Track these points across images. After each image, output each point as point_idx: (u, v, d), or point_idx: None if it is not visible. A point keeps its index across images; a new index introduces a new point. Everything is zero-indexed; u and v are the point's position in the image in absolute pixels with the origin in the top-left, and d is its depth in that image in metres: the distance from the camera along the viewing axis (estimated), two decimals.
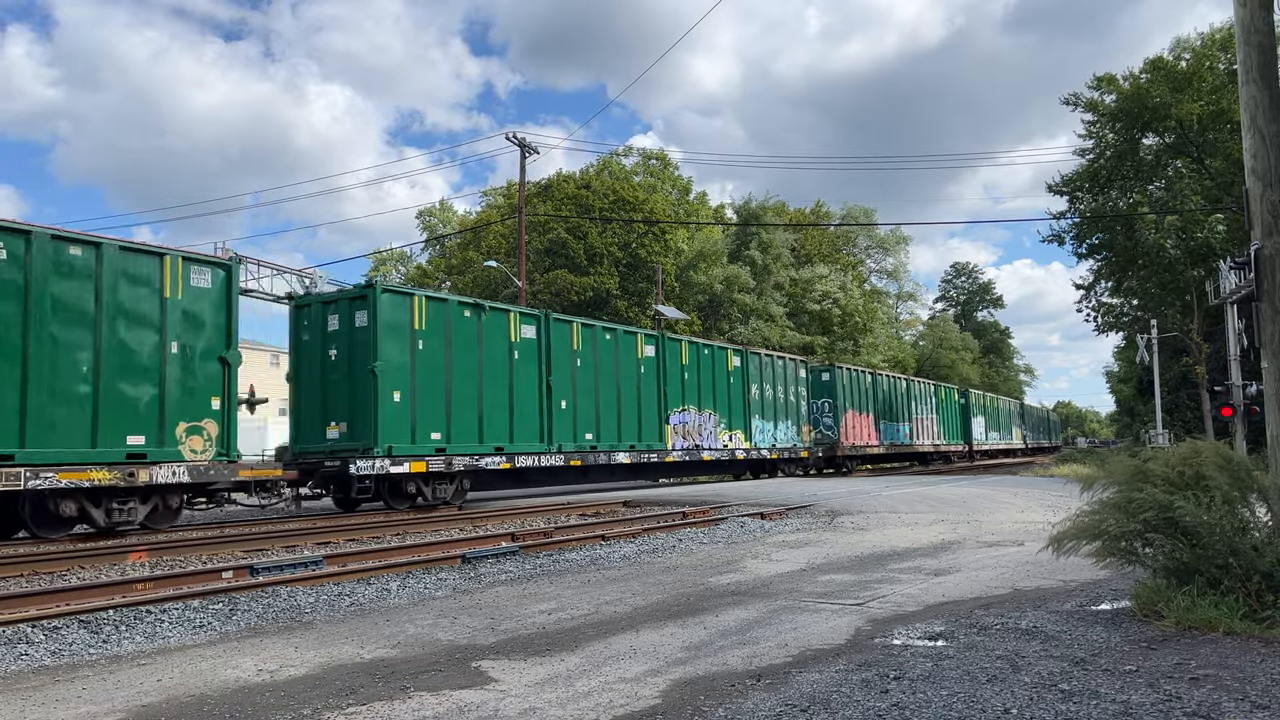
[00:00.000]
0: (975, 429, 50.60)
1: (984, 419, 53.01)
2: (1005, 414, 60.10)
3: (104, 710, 4.48)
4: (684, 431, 24.43)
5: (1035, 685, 4.38)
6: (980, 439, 51.36)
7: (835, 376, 33.52)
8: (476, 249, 50.24)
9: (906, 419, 40.04)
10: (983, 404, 54.00)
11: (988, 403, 55.75)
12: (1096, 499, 6.44)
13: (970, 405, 50.01)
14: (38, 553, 10.89)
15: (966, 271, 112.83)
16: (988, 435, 53.53)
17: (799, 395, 31.27)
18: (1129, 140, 33.76)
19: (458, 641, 5.85)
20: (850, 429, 34.02)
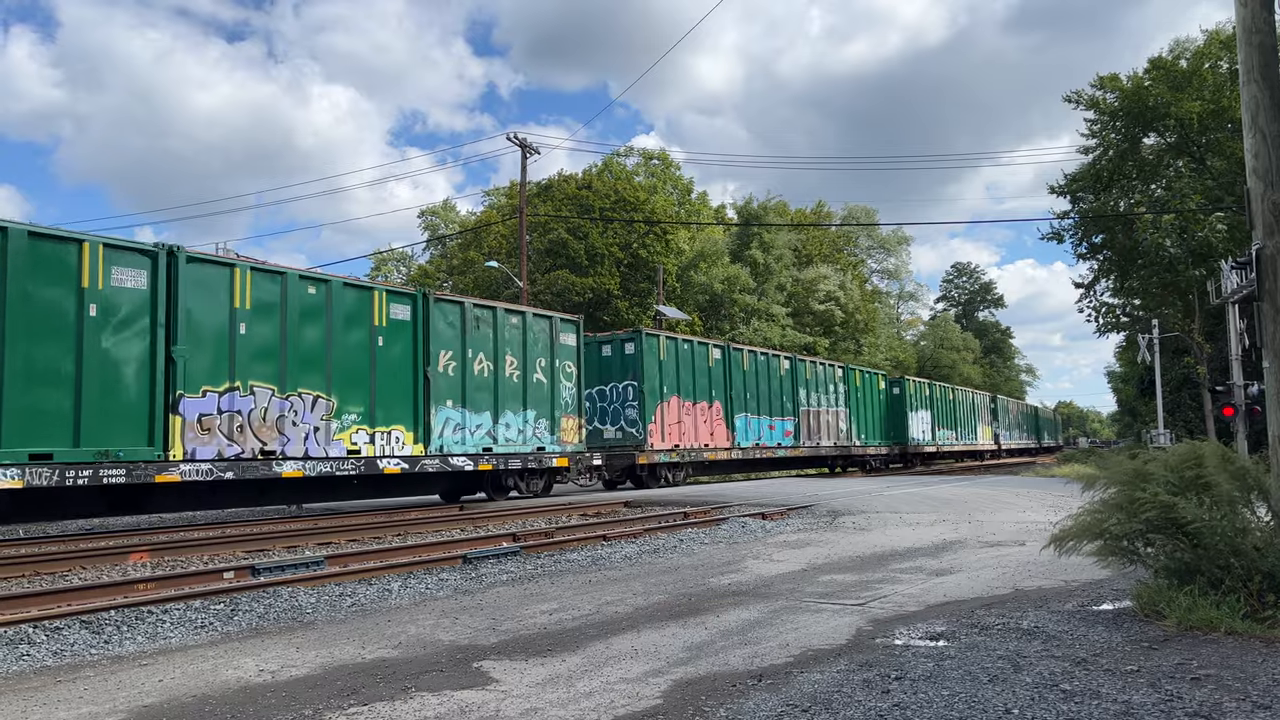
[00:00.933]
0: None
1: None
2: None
3: (106, 710, 4.48)
4: None
5: (1037, 685, 4.38)
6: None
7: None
8: (478, 249, 50.27)
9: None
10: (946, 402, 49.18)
11: (936, 399, 49.58)
12: (1098, 499, 6.44)
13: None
14: (40, 553, 10.90)
15: (968, 271, 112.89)
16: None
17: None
18: (1130, 140, 33.76)
19: (459, 642, 5.85)
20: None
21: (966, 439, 47.62)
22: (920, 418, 40.91)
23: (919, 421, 40.57)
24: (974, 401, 49.83)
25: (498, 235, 49.92)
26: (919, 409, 40.72)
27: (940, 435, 43.44)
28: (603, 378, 23.10)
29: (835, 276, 60.61)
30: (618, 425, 22.92)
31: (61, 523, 14.98)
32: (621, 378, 22.97)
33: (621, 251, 47.44)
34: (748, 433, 26.90)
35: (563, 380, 20.08)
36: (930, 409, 42.41)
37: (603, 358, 23.15)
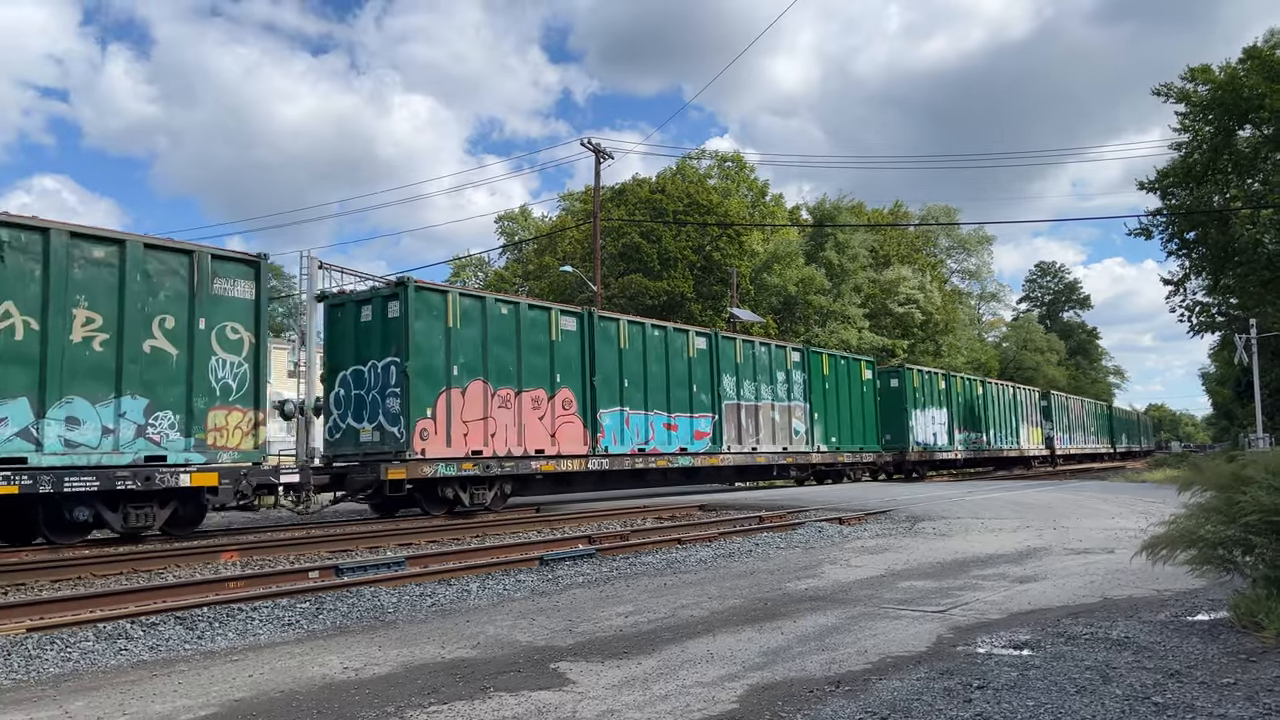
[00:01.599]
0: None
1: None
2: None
3: (199, 704, 4.64)
4: None
5: (1127, 698, 4.23)
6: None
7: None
8: (552, 254, 50.75)
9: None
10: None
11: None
12: (1193, 503, 6.21)
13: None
14: (137, 552, 11.34)
15: (1052, 271, 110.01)
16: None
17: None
18: (1224, 132, 32.48)
19: (536, 643, 5.91)
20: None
21: (1003, 442, 40.25)
22: (929, 417, 33.78)
23: (927, 421, 33.54)
24: (1013, 397, 42.30)
25: (572, 240, 50.33)
26: (927, 406, 33.62)
27: (960, 438, 36.14)
28: (360, 354, 16.66)
29: (915, 278, 59.61)
30: (375, 423, 16.28)
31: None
32: (383, 354, 16.31)
33: (695, 254, 47.38)
34: (624, 434, 20.15)
35: (220, 351, 13.32)
36: (946, 406, 35.13)
37: (360, 324, 16.70)
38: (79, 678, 5.32)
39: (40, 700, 4.81)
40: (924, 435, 33.35)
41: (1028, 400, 44.57)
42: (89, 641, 6.17)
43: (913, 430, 32.30)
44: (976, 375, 45.37)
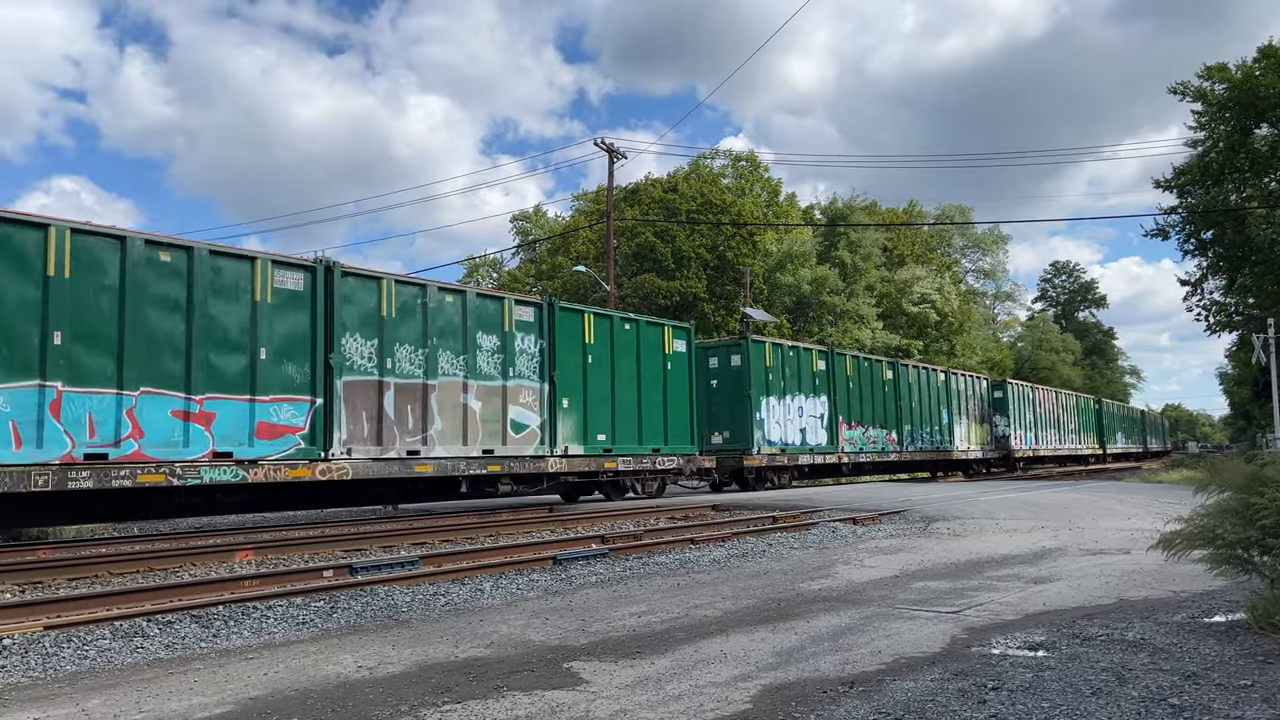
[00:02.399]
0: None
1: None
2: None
3: (214, 702, 4.67)
4: None
5: (1143, 699, 4.21)
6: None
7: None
8: (566, 254, 50.80)
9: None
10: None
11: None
12: (1210, 504, 6.16)
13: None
14: (153, 550, 11.42)
15: (1067, 270, 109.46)
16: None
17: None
18: (1241, 131, 32.23)
19: (549, 642, 5.91)
20: None
21: (928, 440, 32.34)
22: (793, 407, 25.46)
23: (788, 414, 25.26)
24: (945, 385, 34.15)
25: (585, 240, 50.38)
26: (791, 393, 25.36)
27: (852, 436, 27.91)
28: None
29: (932, 278, 59.39)
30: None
31: (172, 520, 15.65)
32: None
33: (708, 254, 47.35)
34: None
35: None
36: (824, 393, 26.75)
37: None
38: (95, 675, 5.35)
39: (57, 698, 4.84)
40: (783, 433, 24.91)
41: (969, 389, 36.68)
42: (105, 640, 6.22)
43: (762, 426, 23.96)
44: (886, 356, 37.61)
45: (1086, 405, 54.20)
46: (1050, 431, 45.42)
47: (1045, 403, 45.31)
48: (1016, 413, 40.31)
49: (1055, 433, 46.26)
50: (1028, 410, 42.51)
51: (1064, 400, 49.29)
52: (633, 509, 16.96)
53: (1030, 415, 43.10)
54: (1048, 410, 45.58)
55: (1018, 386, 42.62)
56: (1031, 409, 42.88)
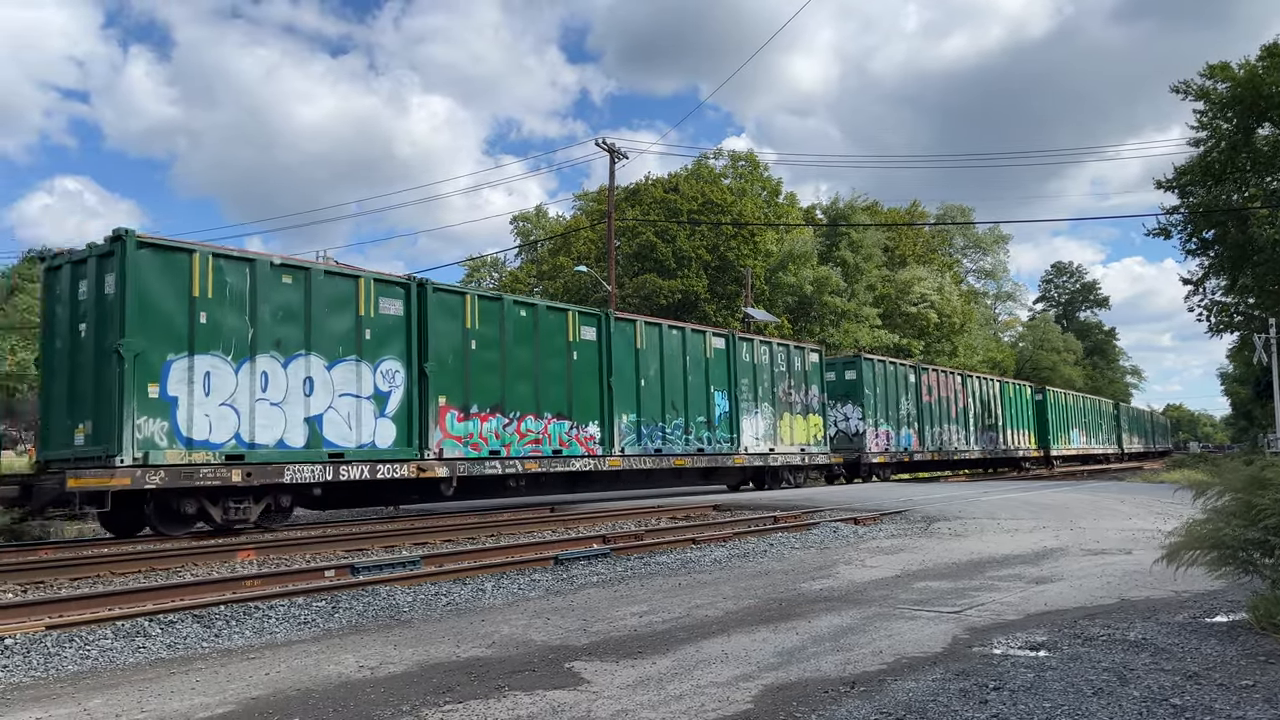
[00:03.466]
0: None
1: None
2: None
3: (216, 702, 4.67)
4: None
5: (1145, 699, 4.21)
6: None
7: None
8: (567, 254, 50.80)
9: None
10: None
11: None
12: (1212, 506, 6.16)
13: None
14: (154, 550, 11.43)
15: (1069, 271, 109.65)
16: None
17: None
18: (1244, 130, 32.22)
19: (551, 642, 5.91)
20: None
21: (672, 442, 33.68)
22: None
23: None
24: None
25: (586, 240, 50.38)
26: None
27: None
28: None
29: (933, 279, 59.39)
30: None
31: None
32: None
33: (709, 254, 47.36)
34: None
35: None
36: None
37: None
38: (97, 675, 5.36)
39: (59, 698, 4.85)
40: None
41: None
42: (107, 639, 6.22)
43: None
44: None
45: (1023, 394, 50.99)
46: (944, 428, 43.48)
47: (943, 388, 40.68)
48: (870, 404, 39.06)
49: (946, 429, 45.12)
50: (879, 398, 41.16)
51: (976, 386, 45.73)
52: (634, 509, 16.96)
53: (888, 407, 41.08)
54: (940, 398, 43.52)
55: (875, 365, 39.38)
56: (1068, 413, 47.77)
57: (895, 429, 30.88)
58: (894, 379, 31.29)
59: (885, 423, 30.42)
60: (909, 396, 32.11)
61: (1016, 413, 40.86)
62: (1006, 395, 39.84)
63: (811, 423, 26.20)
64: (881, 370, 30.75)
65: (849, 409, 29.67)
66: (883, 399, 30.40)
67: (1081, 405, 50.36)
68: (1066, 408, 46.63)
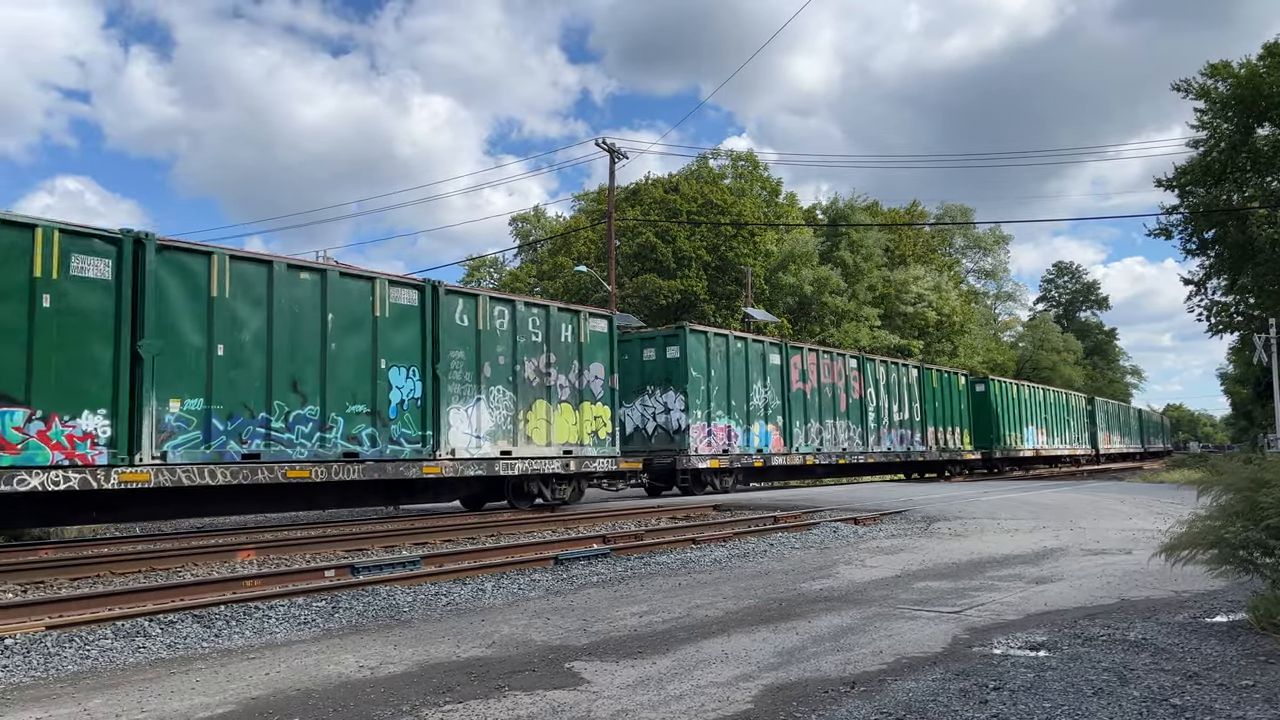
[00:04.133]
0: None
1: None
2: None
3: (217, 702, 4.67)
4: None
5: (1145, 699, 4.21)
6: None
7: None
8: (567, 254, 50.80)
9: None
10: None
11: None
12: (1213, 505, 6.16)
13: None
14: (155, 550, 11.43)
15: (1069, 271, 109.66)
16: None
17: None
18: (1244, 130, 32.23)
19: (551, 642, 5.91)
20: None
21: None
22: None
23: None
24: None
25: (586, 240, 50.38)
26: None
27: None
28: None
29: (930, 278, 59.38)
30: None
31: (174, 521, 15.61)
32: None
33: (709, 254, 47.35)
34: None
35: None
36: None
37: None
38: (97, 675, 5.36)
39: (59, 698, 4.85)
40: None
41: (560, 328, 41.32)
42: (107, 639, 6.22)
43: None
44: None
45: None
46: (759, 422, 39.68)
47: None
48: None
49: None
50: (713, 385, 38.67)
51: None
52: (634, 509, 16.96)
53: (717, 402, 38.83)
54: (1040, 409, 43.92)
55: (703, 341, 34.73)
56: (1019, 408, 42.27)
57: (743, 424, 23.75)
58: (742, 359, 24.04)
59: (725, 415, 23.17)
60: (767, 382, 24.72)
61: (945, 406, 33.88)
62: (929, 386, 32.89)
63: (589, 415, 18.51)
64: (721, 347, 23.36)
65: (670, 397, 22.25)
66: (722, 384, 23.15)
67: (1041, 399, 44.14)
68: (1018, 401, 40.62)
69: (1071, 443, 47.36)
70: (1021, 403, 41.13)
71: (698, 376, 22.33)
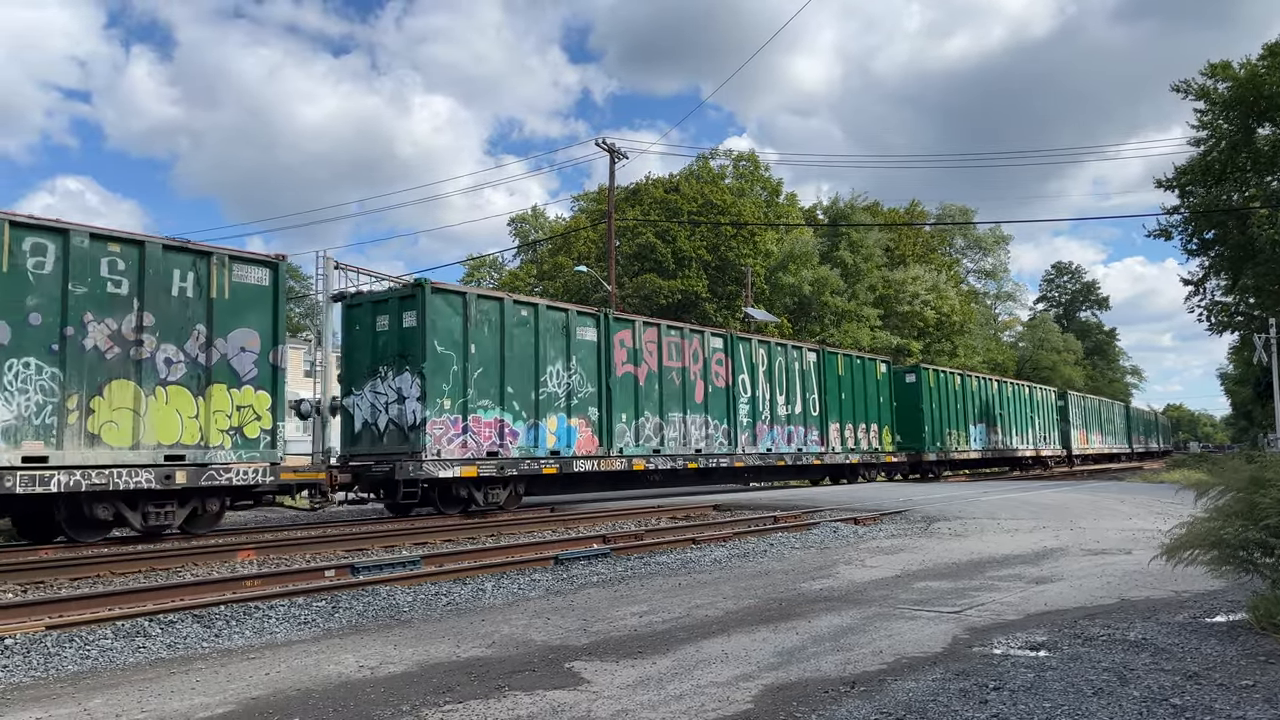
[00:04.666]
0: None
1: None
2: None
3: (217, 702, 4.67)
4: None
5: (1145, 699, 4.21)
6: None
7: None
8: (567, 254, 50.80)
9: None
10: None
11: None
12: (1212, 505, 6.16)
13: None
14: (155, 550, 11.42)
15: (1069, 271, 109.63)
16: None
17: None
18: (1244, 130, 32.22)
19: (551, 642, 5.91)
20: None
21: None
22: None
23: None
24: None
25: (587, 240, 50.37)
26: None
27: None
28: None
29: (928, 278, 59.36)
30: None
31: None
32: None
33: (709, 254, 47.35)
34: None
35: None
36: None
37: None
38: (98, 675, 5.36)
39: (59, 698, 4.85)
40: None
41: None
42: (107, 639, 6.22)
43: None
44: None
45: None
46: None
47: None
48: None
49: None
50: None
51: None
52: (634, 509, 16.96)
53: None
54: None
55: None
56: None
57: (528, 417, 17.84)
58: (529, 332, 18.02)
59: (497, 406, 17.22)
60: (572, 364, 18.82)
61: (856, 399, 28.69)
62: (832, 373, 27.74)
63: (227, 404, 13.34)
64: (491, 315, 17.30)
65: (405, 381, 16.39)
66: (492, 364, 17.20)
67: (996, 392, 37.95)
68: (962, 394, 34.47)
69: (1035, 442, 41.91)
70: (967, 396, 35.23)
71: (445, 353, 16.43)
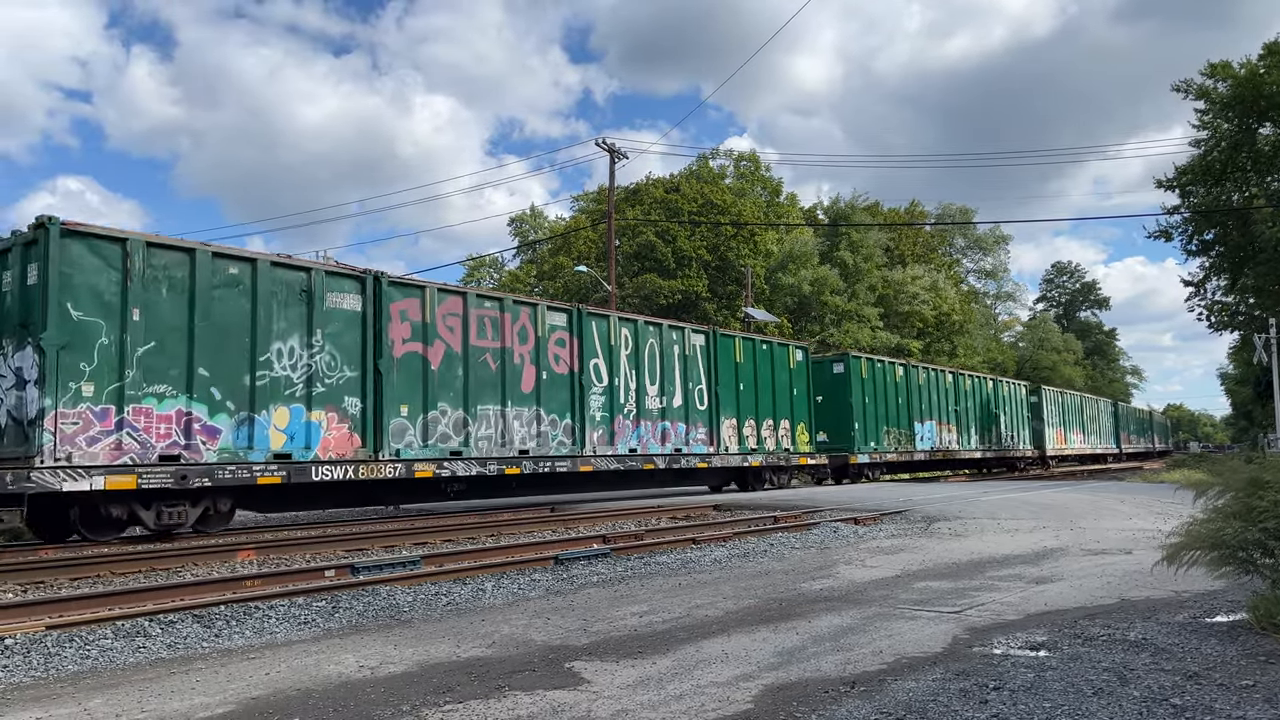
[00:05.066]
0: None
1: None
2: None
3: (217, 702, 4.67)
4: None
5: (1145, 699, 4.21)
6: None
7: None
8: (567, 254, 50.80)
9: None
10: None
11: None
12: (1211, 506, 6.16)
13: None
14: (155, 550, 11.42)
15: (1069, 271, 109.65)
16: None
17: None
18: (1245, 130, 32.23)
19: (551, 642, 5.91)
20: None
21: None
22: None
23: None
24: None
25: (587, 240, 50.37)
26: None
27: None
28: None
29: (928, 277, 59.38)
30: None
31: None
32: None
33: (709, 254, 47.35)
34: None
35: None
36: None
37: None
38: (98, 675, 5.36)
39: (59, 698, 4.85)
40: None
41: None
42: (107, 639, 6.22)
43: None
44: None
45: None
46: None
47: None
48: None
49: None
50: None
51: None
52: (634, 509, 16.97)
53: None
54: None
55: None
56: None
57: (237, 411, 13.04)
58: (246, 298, 13.22)
59: (183, 395, 12.47)
60: (317, 339, 13.98)
61: (761, 391, 23.69)
62: (728, 360, 22.77)
63: None
64: (178, 270, 12.56)
65: (24, 359, 11.66)
66: (179, 337, 12.51)
67: (951, 384, 34.25)
68: (907, 388, 30.87)
69: (1001, 441, 38.14)
70: (911, 390, 31.14)
71: (87, 320, 11.75)
